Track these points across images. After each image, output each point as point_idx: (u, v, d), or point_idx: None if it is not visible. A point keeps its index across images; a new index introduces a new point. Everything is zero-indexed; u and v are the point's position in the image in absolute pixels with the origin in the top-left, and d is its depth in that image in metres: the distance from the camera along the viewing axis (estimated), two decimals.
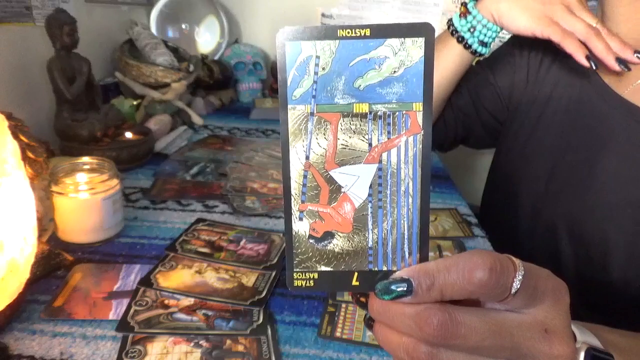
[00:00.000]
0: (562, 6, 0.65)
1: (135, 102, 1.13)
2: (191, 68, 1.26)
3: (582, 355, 0.28)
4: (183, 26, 1.54)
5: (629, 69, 0.61)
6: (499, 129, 0.84)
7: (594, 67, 0.62)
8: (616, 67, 0.61)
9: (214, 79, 1.40)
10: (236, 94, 1.51)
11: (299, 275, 0.29)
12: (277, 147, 1.04)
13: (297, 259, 0.29)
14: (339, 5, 1.53)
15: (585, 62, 0.62)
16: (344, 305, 0.55)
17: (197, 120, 1.21)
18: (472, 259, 0.26)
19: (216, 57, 1.53)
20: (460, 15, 0.73)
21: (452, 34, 0.74)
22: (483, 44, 0.73)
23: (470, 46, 0.73)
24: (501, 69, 0.80)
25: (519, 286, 0.26)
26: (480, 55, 0.75)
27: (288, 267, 0.29)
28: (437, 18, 1.50)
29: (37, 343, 0.47)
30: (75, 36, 0.86)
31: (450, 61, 0.76)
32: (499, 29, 0.71)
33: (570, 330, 0.29)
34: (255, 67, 1.51)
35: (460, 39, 0.73)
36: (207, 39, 1.56)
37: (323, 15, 1.56)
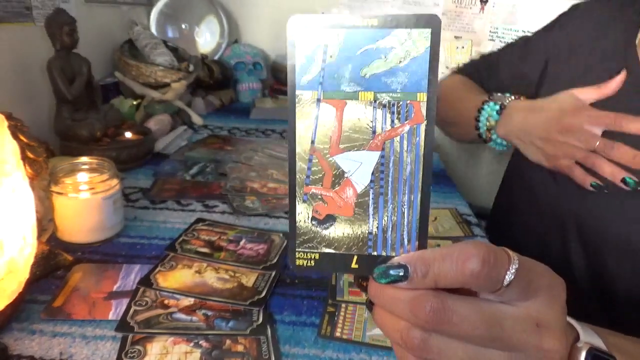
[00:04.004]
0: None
1: (135, 102, 1.13)
2: (191, 68, 1.26)
3: (583, 354, 0.29)
4: (183, 26, 1.54)
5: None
6: None
7: (596, 190, 0.63)
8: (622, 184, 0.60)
9: (214, 79, 1.40)
10: (236, 94, 1.50)
11: (301, 255, 0.30)
12: (277, 147, 1.04)
13: (299, 239, 0.29)
14: (339, 5, 1.53)
15: (590, 189, 0.63)
16: (343, 305, 0.55)
17: (197, 120, 1.21)
18: (467, 249, 0.26)
19: (216, 57, 1.53)
20: (485, 135, 0.78)
21: (475, 128, 0.78)
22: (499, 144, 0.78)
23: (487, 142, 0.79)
24: (532, 56, 0.82)
25: (511, 279, 0.26)
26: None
27: (290, 247, 0.30)
28: None
29: (36, 343, 0.47)
30: (75, 36, 0.86)
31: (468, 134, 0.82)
32: None
33: (564, 327, 0.29)
34: (255, 67, 1.51)
35: (480, 136, 0.79)
36: (207, 39, 1.56)
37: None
